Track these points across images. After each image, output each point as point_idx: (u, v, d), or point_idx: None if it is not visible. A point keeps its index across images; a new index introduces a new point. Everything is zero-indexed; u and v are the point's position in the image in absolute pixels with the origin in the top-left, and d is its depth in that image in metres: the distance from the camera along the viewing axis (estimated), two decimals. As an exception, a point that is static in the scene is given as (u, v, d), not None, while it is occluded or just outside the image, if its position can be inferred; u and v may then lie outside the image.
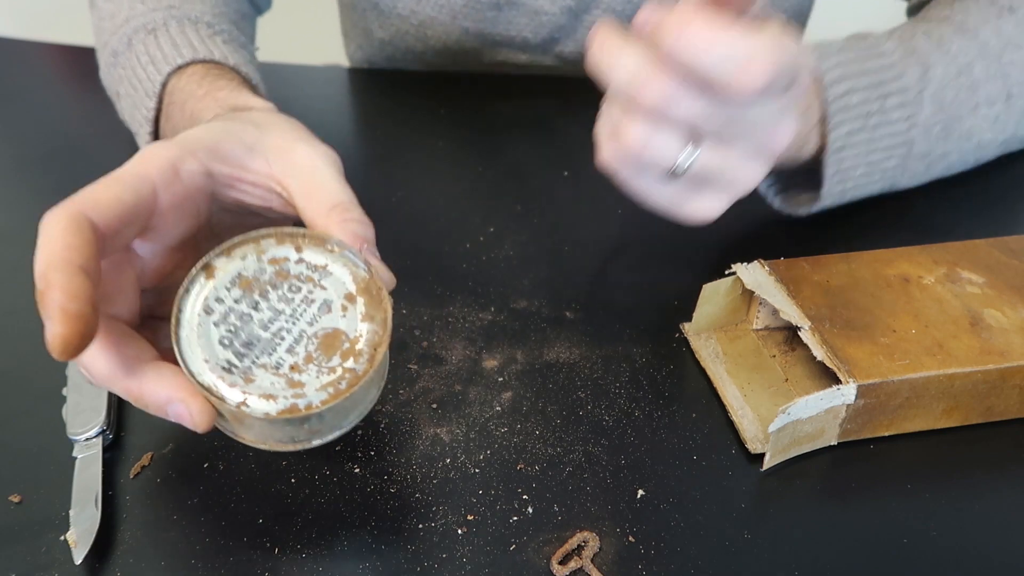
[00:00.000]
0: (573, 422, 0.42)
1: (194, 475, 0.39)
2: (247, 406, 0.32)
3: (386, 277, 0.36)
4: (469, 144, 0.64)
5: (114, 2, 0.58)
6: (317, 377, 0.33)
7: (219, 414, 0.34)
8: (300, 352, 0.33)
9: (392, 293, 0.49)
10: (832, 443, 0.39)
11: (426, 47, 0.76)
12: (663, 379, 0.44)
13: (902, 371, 0.38)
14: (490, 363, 0.45)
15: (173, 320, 0.33)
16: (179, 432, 0.41)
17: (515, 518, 0.37)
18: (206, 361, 0.33)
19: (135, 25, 0.55)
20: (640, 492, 0.38)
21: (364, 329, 0.34)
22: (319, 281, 0.35)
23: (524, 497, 0.38)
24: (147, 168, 0.36)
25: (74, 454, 0.39)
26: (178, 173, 0.37)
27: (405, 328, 0.47)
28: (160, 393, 0.33)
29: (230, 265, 0.35)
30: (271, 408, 0.32)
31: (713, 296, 0.44)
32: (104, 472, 0.39)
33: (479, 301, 0.49)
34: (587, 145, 0.65)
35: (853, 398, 0.37)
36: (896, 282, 0.42)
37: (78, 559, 0.35)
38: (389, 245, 0.53)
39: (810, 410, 0.37)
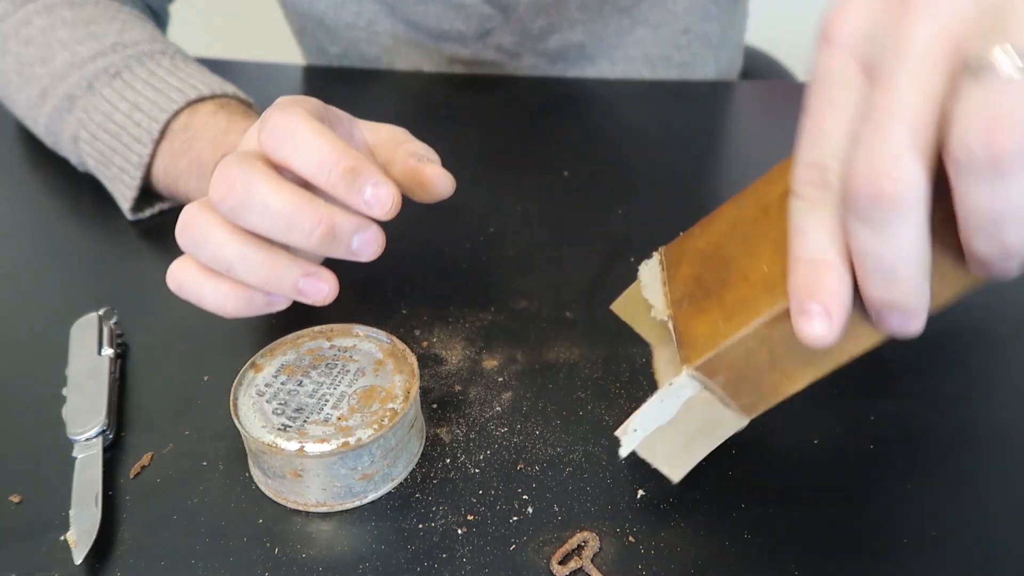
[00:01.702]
0: (573, 422, 0.42)
1: (194, 475, 0.39)
2: (304, 451, 0.36)
3: (447, 184, 0.42)
4: (469, 144, 0.64)
5: (37, 47, 0.57)
6: (362, 420, 0.37)
7: (282, 479, 0.37)
8: (344, 407, 0.38)
9: (392, 293, 0.49)
10: (742, 426, 0.35)
11: (380, 48, 0.77)
12: (663, 379, 0.44)
13: (734, 331, 0.32)
14: (490, 363, 0.45)
15: (231, 405, 0.38)
16: (179, 432, 0.41)
17: (515, 518, 0.37)
18: (264, 427, 0.37)
19: (93, 70, 0.55)
20: (640, 492, 0.38)
21: (396, 380, 0.39)
22: (351, 357, 0.40)
23: (524, 497, 0.38)
24: (317, 106, 0.39)
25: (74, 454, 0.39)
26: (328, 120, 0.40)
27: (405, 328, 0.47)
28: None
29: (273, 360, 0.40)
30: (325, 448, 0.36)
31: (636, 293, 0.40)
32: (104, 472, 0.39)
33: (479, 301, 0.49)
34: (587, 145, 0.65)
35: (696, 386, 0.33)
36: (774, 205, 0.34)
37: (78, 559, 0.35)
38: (389, 245, 0.53)
39: (662, 415, 0.34)
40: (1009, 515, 0.37)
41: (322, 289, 0.36)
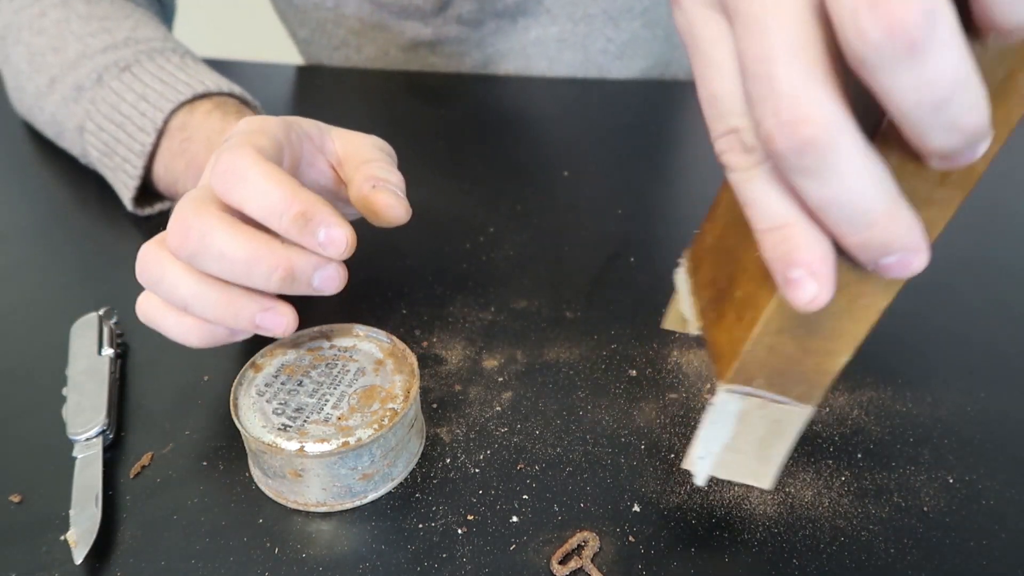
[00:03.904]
0: (573, 422, 0.42)
1: (194, 475, 0.39)
2: (304, 451, 0.36)
3: (399, 213, 0.40)
4: (469, 144, 0.64)
5: (49, 36, 0.58)
6: (362, 420, 0.37)
7: (282, 478, 0.37)
8: (344, 407, 0.38)
9: (392, 293, 0.49)
10: (808, 415, 0.33)
11: (347, 31, 0.77)
12: (663, 379, 0.44)
13: (748, 333, 0.30)
14: (490, 363, 0.45)
15: (231, 405, 0.38)
16: (179, 432, 0.41)
17: (515, 518, 0.37)
18: (264, 427, 0.37)
19: (103, 62, 0.55)
20: (640, 492, 0.38)
21: (397, 379, 0.39)
22: (351, 357, 0.41)
23: (524, 497, 0.38)
24: (277, 130, 0.39)
25: (74, 454, 0.39)
26: (289, 141, 0.39)
27: (405, 328, 0.47)
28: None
29: (273, 360, 0.41)
30: (326, 448, 0.36)
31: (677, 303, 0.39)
32: (104, 472, 0.39)
33: (479, 301, 0.49)
34: (587, 145, 0.65)
35: (739, 398, 0.32)
36: None
37: (78, 559, 0.35)
38: (389, 245, 0.53)
39: (722, 435, 0.33)
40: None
41: (280, 323, 0.37)
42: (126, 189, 0.54)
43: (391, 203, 0.40)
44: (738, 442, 0.33)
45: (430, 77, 0.75)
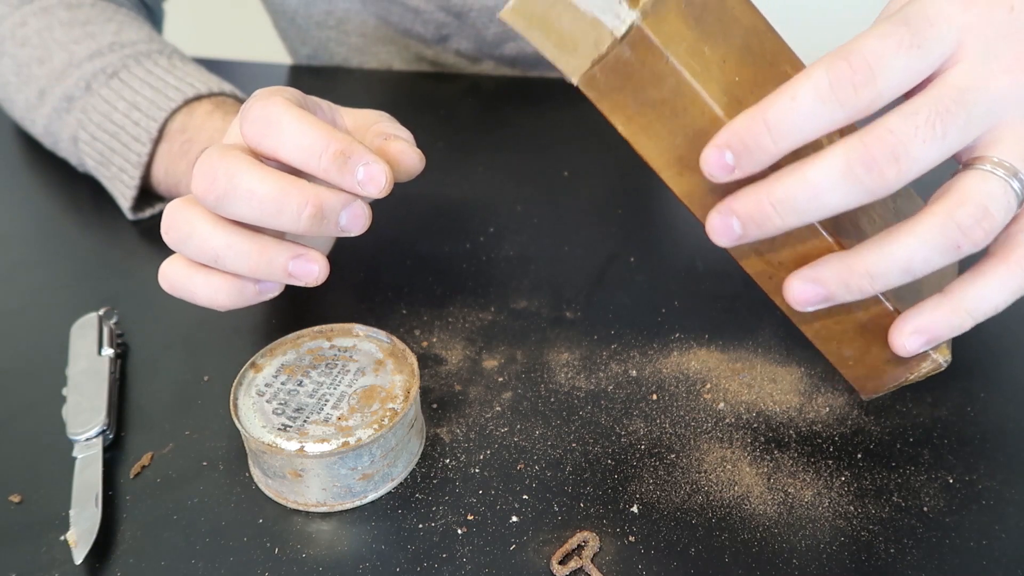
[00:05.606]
0: (573, 422, 0.42)
1: (194, 475, 0.39)
2: (304, 451, 0.36)
3: (414, 160, 0.40)
4: (469, 144, 0.64)
5: (34, 47, 0.57)
6: (362, 420, 0.37)
7: (282, 479, 0.37)
8: (344, 407, 0.38)
9: (392, 293, 0.49)
10: (573, 80, 0.33)
11: (349, 49, 0.76)
12: (663, 379, 0.44)
13: (685, 61, 0.31)
14: (490, 363, 0.45)
15: (231, 405, 0.38)
16: (179, 432, 0.41)
17: (515, 518, 0.37)
18: (264, 427, 0.37)
19: (91, 69, 0.55)
20: (640, 492, 0.38)
21: (397, 380, 0.39)
22: (351, 357, 0.41)
23: (524, 497, 0.38)
24: (295, 92, 0.39)
25: (74, 454, 0.39)
26: (307, 105, 0.39)
27: (405, 328, 0.47)
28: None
29: (273, 360, 0.41)
30: (326, 448, 0.36)
31: None
32: (104, 472, 0.39)
33: (479, 301, 0.49)
34: (586, 146, 0.65)
35: (624, 28, 0.31)
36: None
37: (78, 559, 0.35)
38: (389, 245, 0.53)
39: None
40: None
41: (313, 270, 0.36)
42: (124, 199, 0.54)
43: (404, 148, 0.40)
44: (574, 7, 0.33)
45: (425, 78, 0.75)
